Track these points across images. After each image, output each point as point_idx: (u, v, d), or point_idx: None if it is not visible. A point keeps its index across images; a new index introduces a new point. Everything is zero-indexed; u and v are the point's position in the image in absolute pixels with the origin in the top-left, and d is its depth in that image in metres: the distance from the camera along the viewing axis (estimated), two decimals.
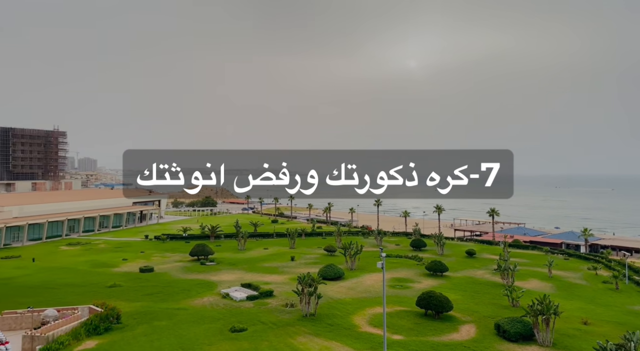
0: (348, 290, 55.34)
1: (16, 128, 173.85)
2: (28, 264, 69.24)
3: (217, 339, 37.60)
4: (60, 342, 35.62)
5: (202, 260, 72.71)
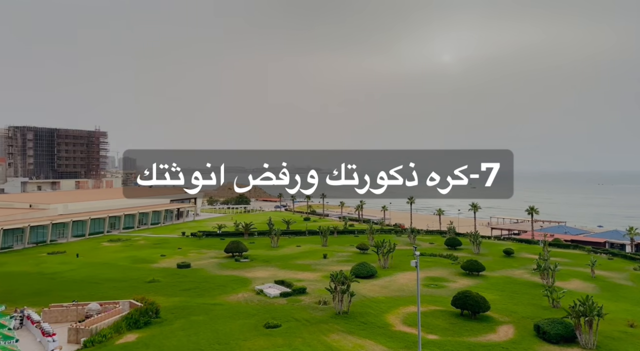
0: (381, 288, 54.97)
1: (60, 129, 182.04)
2: (72, 259, 72.34)
3: (252, 334, 38.17)
4: (103, 335, 37.07)
5: (237, 257, 73.95)
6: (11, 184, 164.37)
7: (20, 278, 58.68)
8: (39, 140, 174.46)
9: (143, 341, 36.50)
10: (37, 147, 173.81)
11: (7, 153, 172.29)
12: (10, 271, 62.70)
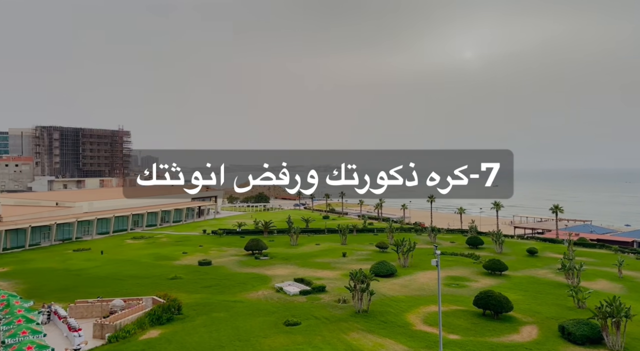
0: (401, 287, 54.58)
1: (85, 128, 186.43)
2: (97, 256, 74.01)
3: (272, 332, 38.39)
4: (127, 331, 37.81)
5: (257, 255, 74.48)
6: (38, 183, 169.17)
7: (47, 275, 60.32)
8: (65, 139, 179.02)
9: (166, 338, 37.09)
10: (63, 146, 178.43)
11: (34, 152, 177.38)
12: (38, 268, 64.51)
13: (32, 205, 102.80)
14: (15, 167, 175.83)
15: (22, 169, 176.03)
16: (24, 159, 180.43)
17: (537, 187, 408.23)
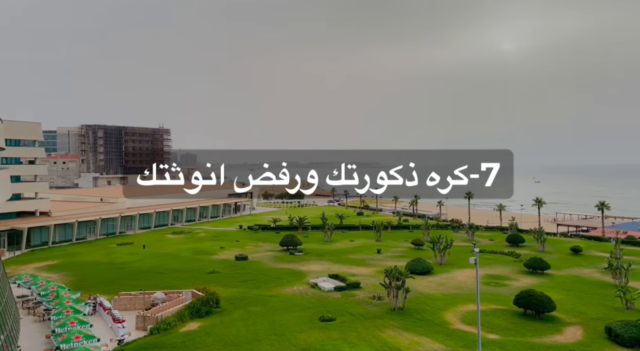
0: (438, 285, 53.70)
1: (127, 126, 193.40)
2: (139, 250, 76.73)
3: (308, 327, 38.65)
4: (168, 323, 39.03)
5: (291, 250, 75.15)
6: (84, 179, 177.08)
7: (93, 268, 63.06)
8: (109, 137, 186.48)
9: (205, 330, 38.04)
10: (107, 144, 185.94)
11: (80, 150, 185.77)
12: (84, 261, 67.55)
13: (79, 201, 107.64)
14: (62, 164, 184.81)
15: (69, 166, 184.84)
16: (71, 157, 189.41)
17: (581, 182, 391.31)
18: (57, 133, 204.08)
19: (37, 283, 47.22)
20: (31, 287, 47.41)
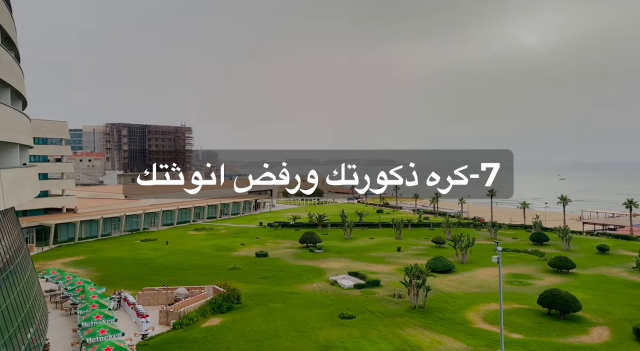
0: (459, 284, 53.06)
1: (150, 125, 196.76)
2: (162, 246, 78.07)
3: (328, 324, 38.73)
4: (190, 318, 39.64)
5: (311, 248, 75.34)
6: (109, 176, 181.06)
7: (117, 263, 64.50)
8: (132, 135, 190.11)
9: (226, 326, 38.51)
10: (131, 142, 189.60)
11: (105, 148, 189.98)
12: (109, 257, 69.13)
13: (104, 198, 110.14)
14: (88, 161, 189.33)
15: (94, 164, 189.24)
16: (96, 155, 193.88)
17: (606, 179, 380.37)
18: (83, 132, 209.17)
19: (64, 278, 48.55)
20: (58, 282, 48.77)
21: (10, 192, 25.37)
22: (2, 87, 28.22)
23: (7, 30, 29.42)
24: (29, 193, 32.10)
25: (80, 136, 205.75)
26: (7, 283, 25.71)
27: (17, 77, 31.12)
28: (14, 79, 29.24)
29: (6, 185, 24.80)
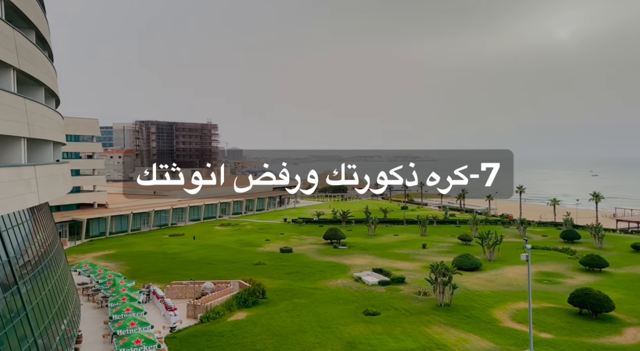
0: (487, 282, 52.15)
1: (178, 122, 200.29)
2: (190, 241, 79.56)
3: (352, 320, 38.71)
4: (217, 312, 40.30)
5: (335, 244, 75.38)
6: (138, 173, 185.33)
7: (146, 257, 66.07)
8: (161, 132, 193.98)
9: (252, 320, 38.99)
10: (159, 139, 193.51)
11: (134, 145, 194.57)
12: (139, 251, 70.89)
13: (134, 194, 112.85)
14: (118, 158, 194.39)
15: (124, 160, 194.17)
16: (126, 151, 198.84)
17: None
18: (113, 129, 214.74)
19: (96, 271, 50.07)
20: (90, 275, 50.32)
21: (44, 188, 26.29)
22: (36, 86, 29.21)
23: (41, 31, 30.41)
24: (63, 189, 33.16)
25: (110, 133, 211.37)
26: (42, 276, 26.69)
27: (51, 76, 32.14)
28: (47, 78, 30.21)
29: (41, 181, 25.71)
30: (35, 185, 24.73)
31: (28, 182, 23.85)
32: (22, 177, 23.07)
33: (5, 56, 21.90)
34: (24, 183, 23.19)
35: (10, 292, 21.25)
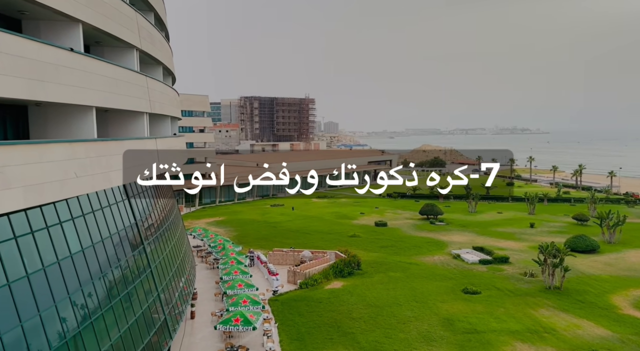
0: (605, 265, 47.31)
1: (278, 97, 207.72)
2: (289, 212, 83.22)
3: (450, 297, 37.81)
4: (315, 279, 41.95)
5: (432, 220, 73.47)
6: (243, 146, 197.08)
7: (251, 225, 70.60)
8: (263, 108, 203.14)
9: (347, 290, 39.98)
10: (261, 114, 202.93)
11: (239, 119, 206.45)
12: (244, 219, 75.94)
13: (239, 166, 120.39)
14: (225, 132, 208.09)
15: (230, 134, 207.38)
16: (232, 126, 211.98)
17: None
18: (221, 105, 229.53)
19: (208, 236, 54.82)
20: (203, 239, 55.28)
21: (164, 158, 29.08)
22: (155, 65, 31.98)
23: (159, 12, 33.02)
24: (180, 160, 36.40)
25: (219, 109, 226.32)
26: (163, 237, 29.87)
27: (167, 55, 34.94)
28: (165, 57, 32.91)
29: (161, 152, 28.45)
30: (157, 156, 27.45)
31: (151, 153, 26.54)
32: (145, 148, 25.71)
33: (130, 37, 24.17)
34: (148, 154, 25.85)
35: (137, 251, 24.13)
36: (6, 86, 13.82)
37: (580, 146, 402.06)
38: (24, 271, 14.53)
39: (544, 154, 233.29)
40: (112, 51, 25.09)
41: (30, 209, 15.18)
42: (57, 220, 16.84)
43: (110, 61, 22.24)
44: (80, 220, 18.51)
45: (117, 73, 22.10)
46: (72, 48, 18.08)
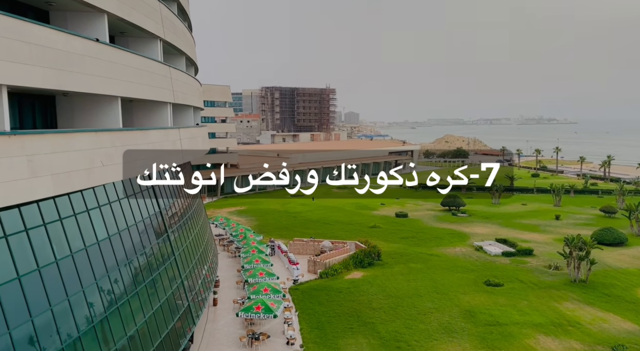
0: (633, 259, 46.05)
1: (299, 87, 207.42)
2: (309, 202, 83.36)
3: (471, 289, 37.44)
4: (335, 269, 42.12)
5: (453, 211, 72.60)
6: (264, 136, 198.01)
7: (271, 215, 71.12)
8: (284, 98, 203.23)
9: (367, 280, 40.01)
10: (282, 104, 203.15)
11: (260, 110, 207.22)
12: (265, 209, 76.53)
13: (260, 156, 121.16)
14: (247, 122, 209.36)
15: (252, 124, 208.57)
16: (253, 116, 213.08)
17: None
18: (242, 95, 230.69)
19: (230, 225, 55.53)
20: (225, 228, 56.03)
21: (187, 147, 29.45)
22: (178, 55, 32.26)
23: (181, 3, 33.22)
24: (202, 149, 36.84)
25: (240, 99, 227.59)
26: (186, 226, 30.38)
27: (190, 45, 35.19)
28: (187, 47, 33.15)
29: (184, 141, 28.81)
30: (180, 144, 27.81)
31: (174, 143, 26.90)
32: (168, 138, 26.07)
33: (153, 28, 24.40)
34: (170, 144, 26.20)
35: (162, 238, 24.62)
36: (35, 76, 14.15)
37: (610, 136, 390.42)
38: (53, 257, 14.99)
39: (571, 145, 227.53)
40: (136, 42, 25.38)
41: (58, 197, 15.61)
42: (84, 207, 17.29)
43: (134, 51, 22.52)
44: (107, 207, 18.96)
45: (142, 63, 22.37)
46: (98, 38, 18.36)
